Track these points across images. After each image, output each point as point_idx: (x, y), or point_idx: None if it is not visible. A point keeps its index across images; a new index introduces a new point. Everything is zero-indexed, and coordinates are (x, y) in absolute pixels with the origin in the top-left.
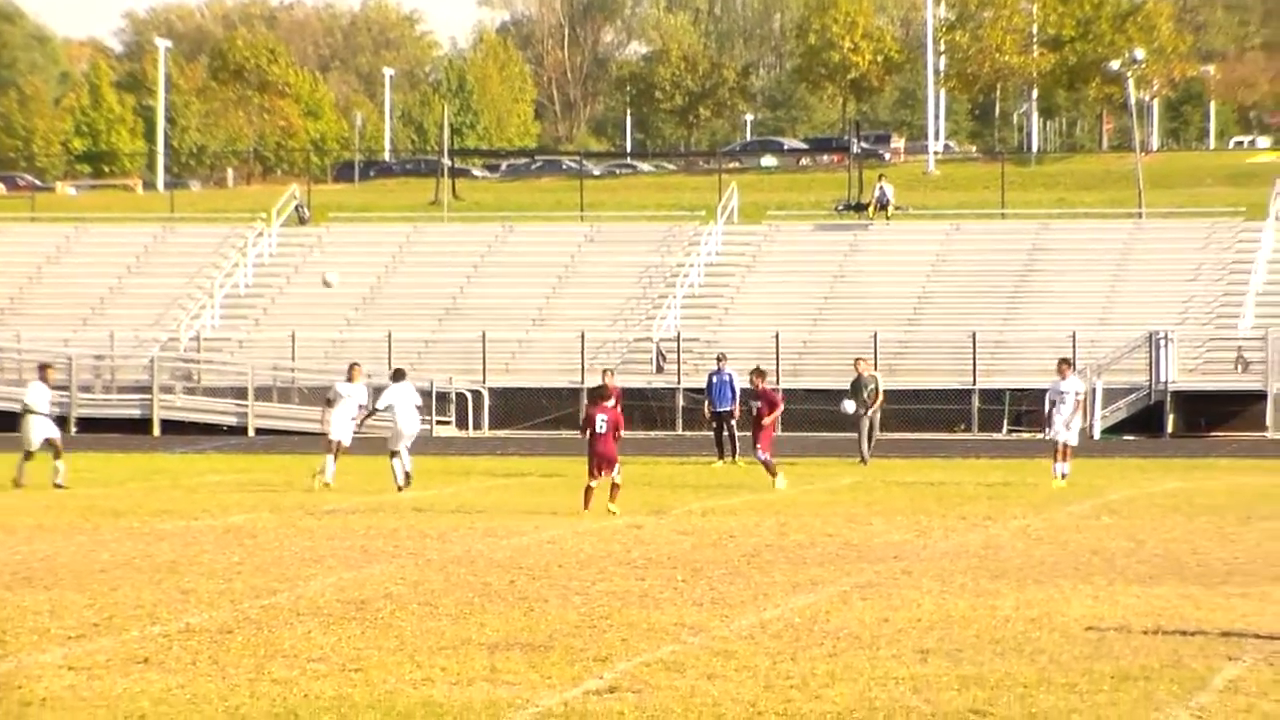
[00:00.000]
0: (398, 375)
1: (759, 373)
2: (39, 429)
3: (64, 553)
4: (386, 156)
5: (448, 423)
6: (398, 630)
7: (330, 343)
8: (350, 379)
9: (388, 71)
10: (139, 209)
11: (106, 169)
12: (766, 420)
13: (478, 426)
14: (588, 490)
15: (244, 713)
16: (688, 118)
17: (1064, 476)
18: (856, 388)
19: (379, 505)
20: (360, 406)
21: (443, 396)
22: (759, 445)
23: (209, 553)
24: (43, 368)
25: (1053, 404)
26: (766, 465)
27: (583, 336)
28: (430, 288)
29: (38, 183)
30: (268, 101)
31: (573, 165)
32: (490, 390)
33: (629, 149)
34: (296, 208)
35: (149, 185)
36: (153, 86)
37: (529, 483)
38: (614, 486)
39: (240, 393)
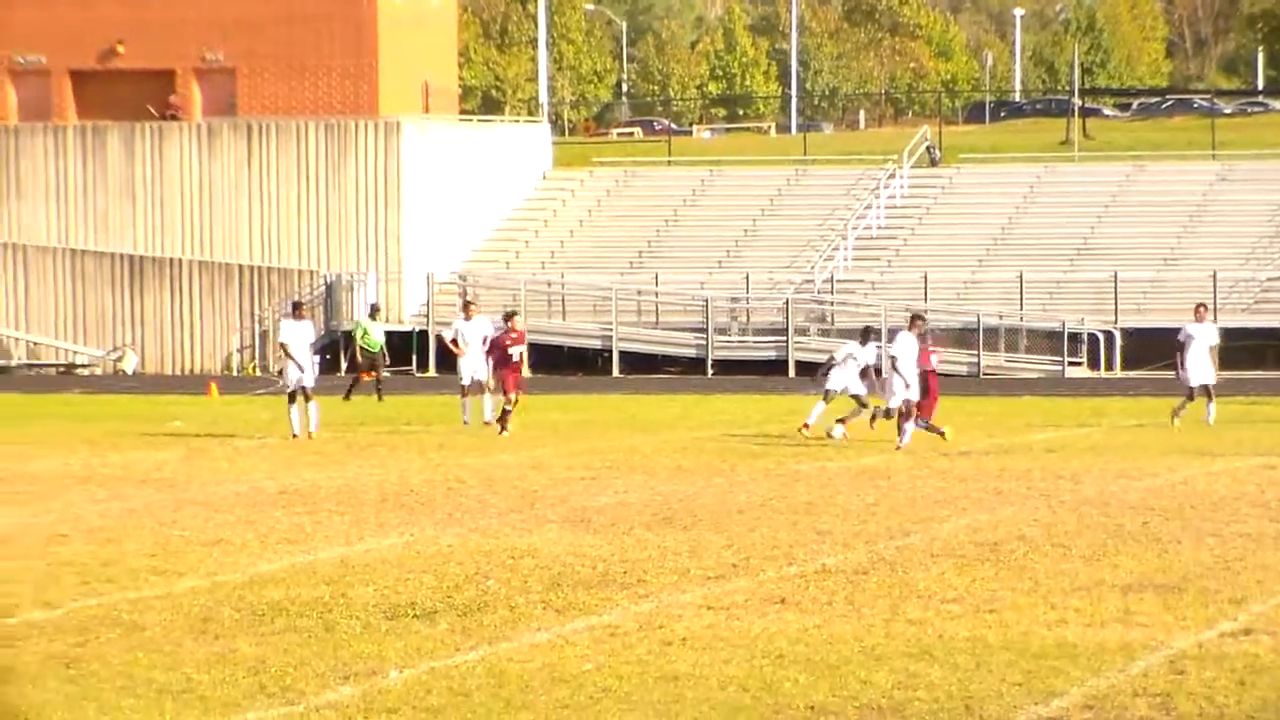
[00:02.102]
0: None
1: None
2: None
3: (703, 494)
4: (1017, 97)
5: (1079, 363)
6: (1031, 571)
7: (962, 284)
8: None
9: (1018, 12)
10: (772, 152)
11: (741, 112)
12: None
13: (1110, 367)
14: None
15: (879, 652)
16: None
17: None
18: None
19: (1011, 446)
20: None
21: (1074, 337)
22: None
23: (844, 493)
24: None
25: None
26: None
27: (1214, 276)
28: (1061, 228)
29: (674, 127)
30: (899, 43)
31: (1204, 103)
32: (1122, 330)
33: (1260, 86)
34: (928, 149)
35: (782, 128)
36: (786, 30)
37: (1161, 423)
38: None
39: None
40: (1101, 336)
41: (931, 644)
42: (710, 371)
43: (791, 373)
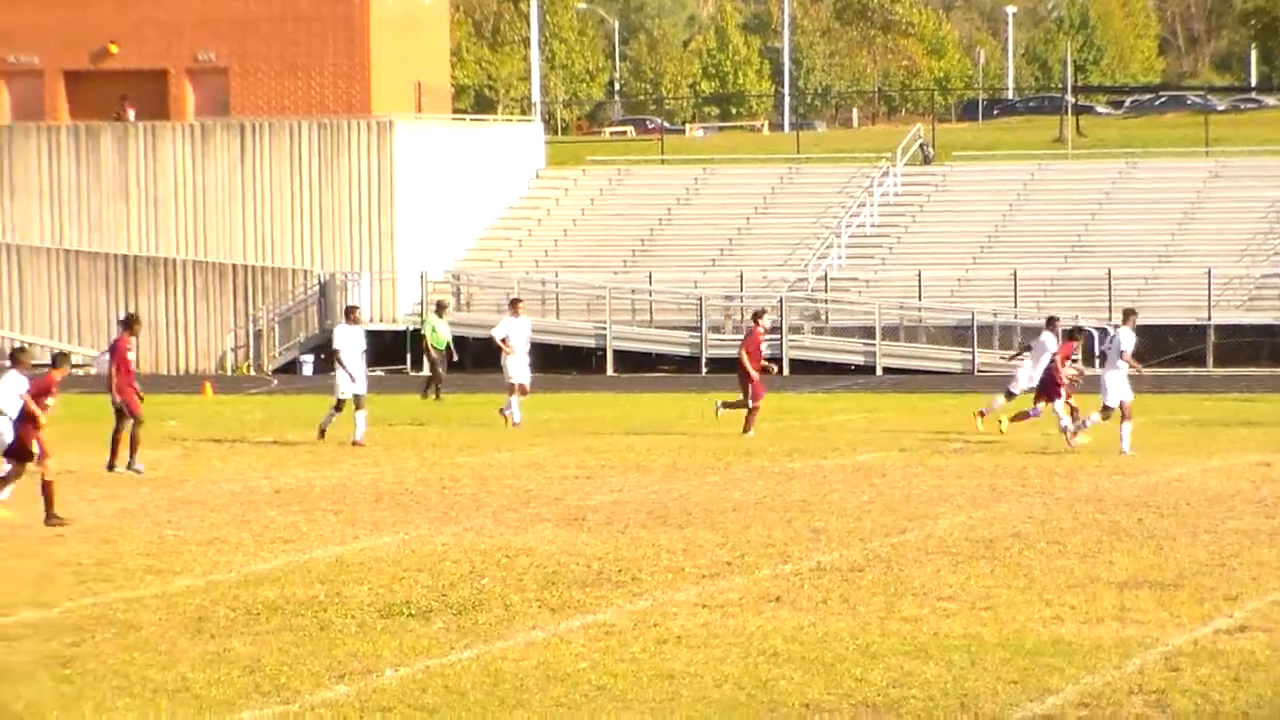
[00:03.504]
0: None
1: None
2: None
3: (697, 492)
4: (1010, 94)
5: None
6: (1026, 569)
7: (956, 281)
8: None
9: (1010, 9)
10: (765, 150)
11: (734, 110)
12: None
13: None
14: None
15: (874, 650)
16: None
17: None
18: None
19: (1007, 443)
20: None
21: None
22: None
23: (839, 491)
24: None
25: None
26: None
27: (1209, 273)
28: (1054, 225)
29: (667, 125)
30: (892, 41)
31: (1197, 100)
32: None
33: (1253, 83)
34: (921, 146)
35: (775, 126)
36: (778, 28)
37: (1156, 420)
38: None
39: (868, 332)
40: (1096, 334)
41: (927, 641)
42: (704, 370)
43: (786, 371)
